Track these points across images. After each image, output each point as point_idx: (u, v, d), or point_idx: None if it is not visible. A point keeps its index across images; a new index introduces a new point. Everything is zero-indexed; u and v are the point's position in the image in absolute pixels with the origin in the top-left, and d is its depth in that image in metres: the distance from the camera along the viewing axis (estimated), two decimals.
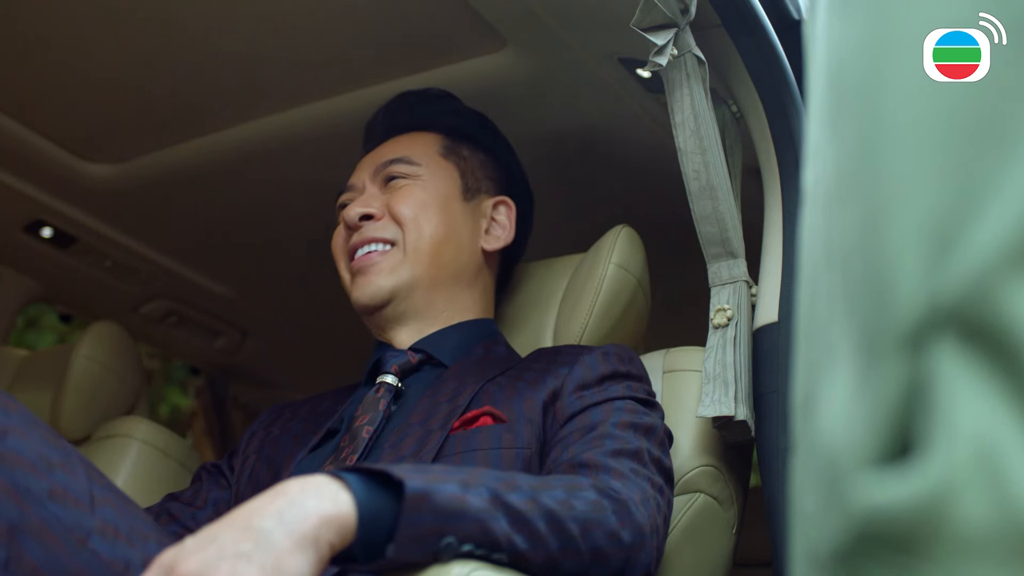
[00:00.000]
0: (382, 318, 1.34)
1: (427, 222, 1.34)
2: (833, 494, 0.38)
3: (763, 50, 1.31)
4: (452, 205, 1.39)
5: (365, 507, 0.79)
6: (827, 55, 0.45)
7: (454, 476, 0.85)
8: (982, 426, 0.34)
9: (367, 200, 1.37)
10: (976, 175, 0.37)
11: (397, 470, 0.82)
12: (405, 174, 1.38)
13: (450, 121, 1.47)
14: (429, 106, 1.48)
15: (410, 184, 1.37)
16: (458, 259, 1.37)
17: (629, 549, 0.94)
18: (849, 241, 0.40)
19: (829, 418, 0.40)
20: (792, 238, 1.28)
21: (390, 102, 1.51)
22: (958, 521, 0.34)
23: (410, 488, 0.80)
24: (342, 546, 0.78)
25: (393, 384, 1.26)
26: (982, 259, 0.35)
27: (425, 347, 1.32)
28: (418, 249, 1.33)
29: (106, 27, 1.51)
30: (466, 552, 0.81)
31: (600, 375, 1.18)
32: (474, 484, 0.85)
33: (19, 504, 0.79)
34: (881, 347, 0.38)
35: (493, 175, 1.47)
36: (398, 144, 1.44)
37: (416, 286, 1.33)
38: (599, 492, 0.95)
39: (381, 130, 1.49)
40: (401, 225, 1.34)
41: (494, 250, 1.43)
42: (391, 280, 1.32)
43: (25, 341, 4.00)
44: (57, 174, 1.87)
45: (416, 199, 1.36)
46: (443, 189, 1.39)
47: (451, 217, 1.37)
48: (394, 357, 1.30)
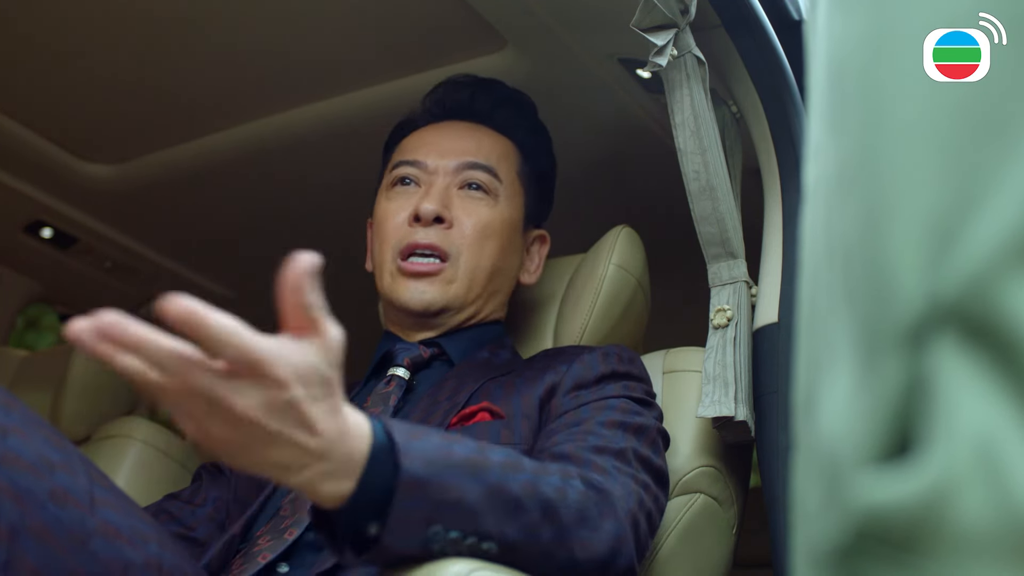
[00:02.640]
0: (422, 323, 1.32)
1: (488, 251, 1.31)
2: (833, 492, 0.38)
3: (763, 51, 1.31)
4: (513, 236, 1.36)
5: (363, 484, 0.77)
6: (827, 54, 0.45)
7: (463, 457, 0.84)
8: (982, 423, 0.34)
9: (444, 199, 1.31)
10: (976, 174, 0.37)
11: (406, 446, 0.80)
12: (487, 188, 1.34)
13: (525, 137, 1.42)
14: (512, 108, 1.43)
15: (487, 202, 1.33)
16: (502, 289, 1.36)
17: (611, 541, 0.93)
18: (850, 239, 0.40)
19: (829, 416, 0.40)
20: (792, 238, 1.29)
21: (476, 82, 1.43)
22: (958, 519, 0.34)
23: (405, 473, 0.78)
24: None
25: (404, 378, 1.26)
26: (982, 256, 0.35)
27: (438, 342, 1.31)
28: (473, 275, 1.30)
29: (106, 28, 1.51)
30: (453, 540, 0.81)
31: (598, 375, 1.18)
32: (479, 470, 0.84)
33: (19, 505, 0.79)
34: (881, 344, 0.38)
35: (543, 205, 1.46)
36: (481, 143, 1.37)
37: (465, 306, 1.31)
38: (584, 483, 0.95)
39: (454, 106, 1.41)
40: (464, 244, 1.30)
41: (527, 284, 1.43)
42: (445, 296, 1.29)
43: (25, 342, 4.00)
44: (57, 174, 1.87)
45: (488, 224, 1.32)
46: (511, 218, 1.36)
47: (508, 249, 1.35)
48: (406, 350, 1.29)
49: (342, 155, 1.55)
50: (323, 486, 0.75)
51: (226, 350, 0.67)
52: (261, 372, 0.69)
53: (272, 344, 0.70)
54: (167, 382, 0.67)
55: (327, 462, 0.74)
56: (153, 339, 0.66)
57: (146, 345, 0.66)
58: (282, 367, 0.69)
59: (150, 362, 0.66)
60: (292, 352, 0.70)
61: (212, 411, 0.69)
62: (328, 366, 0.72)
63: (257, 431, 0.70)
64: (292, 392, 0.70)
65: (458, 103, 1.41)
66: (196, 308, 0.66)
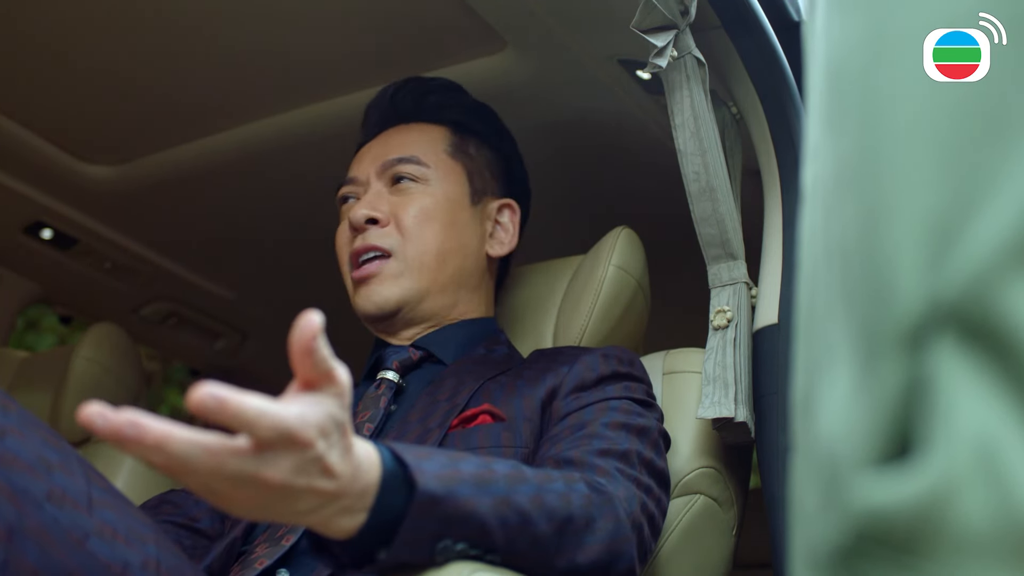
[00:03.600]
0: (391, 325, 1.33)
1: (432, 234, 1.32)
2: (833, 494, 0.38)
3: (763, 52, 1.31)
4: (459, 213, 1.36)
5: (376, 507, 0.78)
6: (827, 54, 0.45)
7: (471, 473, 0.85)
8: (982, 425, 0.34)
9: (374, 202, 1.33)
10: (976, 174, 0.37)
11: (417, 467, 0.80)
12: (414, 176, 1.35)
13: (456, 115, 1.43)
14: (436, 97, 1.44)
15: (418, 189, 1.34)
16: (463, 267, 1.35)
17: (612, 543, 0.94)
18: (848, 240, 0.40)
19: (828, 417, 0.39)
20: (792, 239, 1.28)
21: (395, 87, 1.46)
22: (958, 520, 0.34)
23: (422, 492, 0.79)
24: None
25: (394, 381, 1.26)
26: (981, 258, 0.35)
27: (427, 345, 1.32)
28: (421, 262, 1.31)
29: (106, 28, 1.52)
30: (460, 551, 0.81)
31: (599, 376, 1.18)
32: (488, 483, 0.85)
33: (17, 506, 0.79)
34: (880, 346, 0.37)
35: (498, 174, 1.45)
36: (405, 138, 1.40)
37: (424, 296, 1.31)
38: (588, 486, 0.95)
39: (383, 116, 1.45)
40: (404, 235, 1.31)
41: (499, 256, 1.42)
42: (396, 290, 1.30)
43: (25, 343, 4.00)
44: (57, 175, 1.87)
45: (423, 209, 1.33)
46: (451, 194, 1.36)
47: (457, 226, 1.35)
48: (395, 353, 1.30)
49: (342, 156, 1.55)
50: (337, 522, 0.76)
51: (259, 430, 0.67)
52: (292, 440, 0.69)
53: (295, 409, 0.69)
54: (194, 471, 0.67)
55: (343, 500, 0.75)
56: (174, 436, 0.65)
57: (167, 443, 0.65)
58: (308, 429, 0.70)
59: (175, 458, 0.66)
60: (311, 409, 0.71)
61: (239, 484, 0.69)
62: (341, 409, 0.73)
63: (285, 491, 0.71)
64: (317, 449, 0.71)
65: (383, 112, 1.45)
66: (224, 396, 0.65)
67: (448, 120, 1.43)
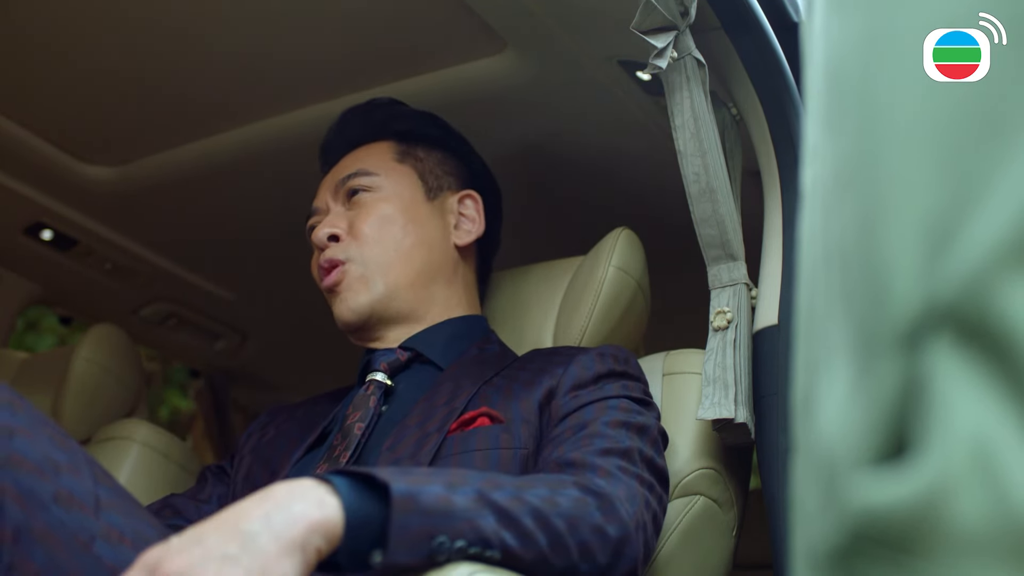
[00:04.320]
0: (371, 331, 1.35)
1: (390, 235, 1.35)
2: (831, 493, 0.38)
3: (763, 52, 1.31)
4: (416, 209, 1.39)
5: (352, 511, 0.79)
6: (825, 54, 0.45)
7: (437, 477, 0.85)
8: (979, 425, 0.34)
9: (332, 220, 1.38)
10: (974, 175, 0.37)
11: (381, 473, 0.82)
12: (366, 186, 1.39)
13: (400, 126, 1.48)
14: (377, 115, 1.49)
15: (371, 198, 1.38)
16: (431, 260, 1.38)
17: (615, 544, 0.94)
18: (847, 240, 0.40)
19: (827, 417, 0.40)
20: (792, 240, 1.28)
21: (339, 119, 1.51)
22: (955, 520, 0.34)
23: (396, 491, 0.80)
24: (329, 551, 0.78)
25: (382, 381, 1.27)
26: (979, 258, 0.35)
27: (414, 345, 1.33)
28: (383, 261, 1.34)
29: (106, 29, 1.52)
30: (459, 549, 0.81)
31: (595, 374, 1.18)
32: (458, 484, 0.85)
33: (24, 508, 0.79)
34: (878, 346, 0.38)
35: (453, 171, 1.48)
36: (354, 158, 1.44)
37: (394, 293, 1.34)
38: (581, 489, 0.95)
39: (335, 149, 1.50)
40: (362, 242, 1.34)
41: (467, 244, 1.43)
42: (366, 293, 1.33)
43: (25, 344, 4.00)
44: (57, 176, 1.87)
45: (379, 216, 1.36)
46: (405, 195, 1.40)
47: (416, 222, 1.38)
48: (383, 356, 1.31)
49: None
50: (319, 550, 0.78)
51: None
52: None
53: None
54: None
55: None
56: None
57: None
58: None
59: None
60: None
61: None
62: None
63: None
64: None
65: (334, 144, 1.50)
66: None
67: (392, 132, 1.47)
